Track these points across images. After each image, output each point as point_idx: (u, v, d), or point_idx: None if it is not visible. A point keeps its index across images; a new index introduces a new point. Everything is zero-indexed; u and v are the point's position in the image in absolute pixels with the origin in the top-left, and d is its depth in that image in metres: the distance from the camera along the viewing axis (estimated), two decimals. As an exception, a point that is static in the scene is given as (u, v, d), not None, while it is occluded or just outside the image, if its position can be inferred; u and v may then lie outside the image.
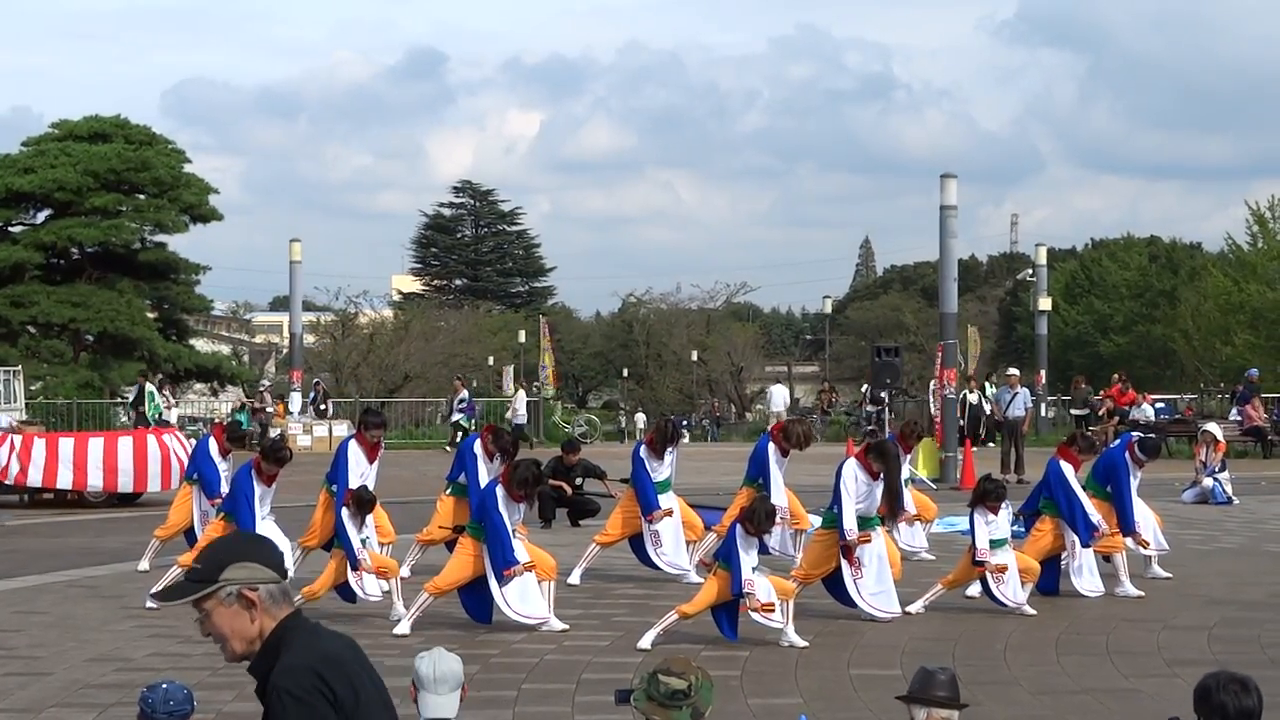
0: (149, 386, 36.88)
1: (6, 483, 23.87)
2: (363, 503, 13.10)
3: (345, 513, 13.02)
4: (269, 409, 41.07)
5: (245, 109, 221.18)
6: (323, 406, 42.64)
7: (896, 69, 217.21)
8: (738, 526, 11.84)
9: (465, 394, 41.13)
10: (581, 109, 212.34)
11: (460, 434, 34.18)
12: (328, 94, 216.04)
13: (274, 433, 38.98)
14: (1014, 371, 32.49)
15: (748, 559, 11.70)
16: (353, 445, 14.74)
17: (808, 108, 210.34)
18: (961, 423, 35.77)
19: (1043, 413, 41.56)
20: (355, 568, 12.85)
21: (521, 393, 44.89)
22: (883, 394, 43.07)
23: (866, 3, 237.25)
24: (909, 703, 6.07)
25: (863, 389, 53.95)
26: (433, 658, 6.14)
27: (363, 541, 13.02)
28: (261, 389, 42.48)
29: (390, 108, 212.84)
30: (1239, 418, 35.27)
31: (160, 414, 35.07)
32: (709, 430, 57.52)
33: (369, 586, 12.95)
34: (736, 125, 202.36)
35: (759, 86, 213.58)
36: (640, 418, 61.25)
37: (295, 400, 42.90)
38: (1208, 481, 23.82)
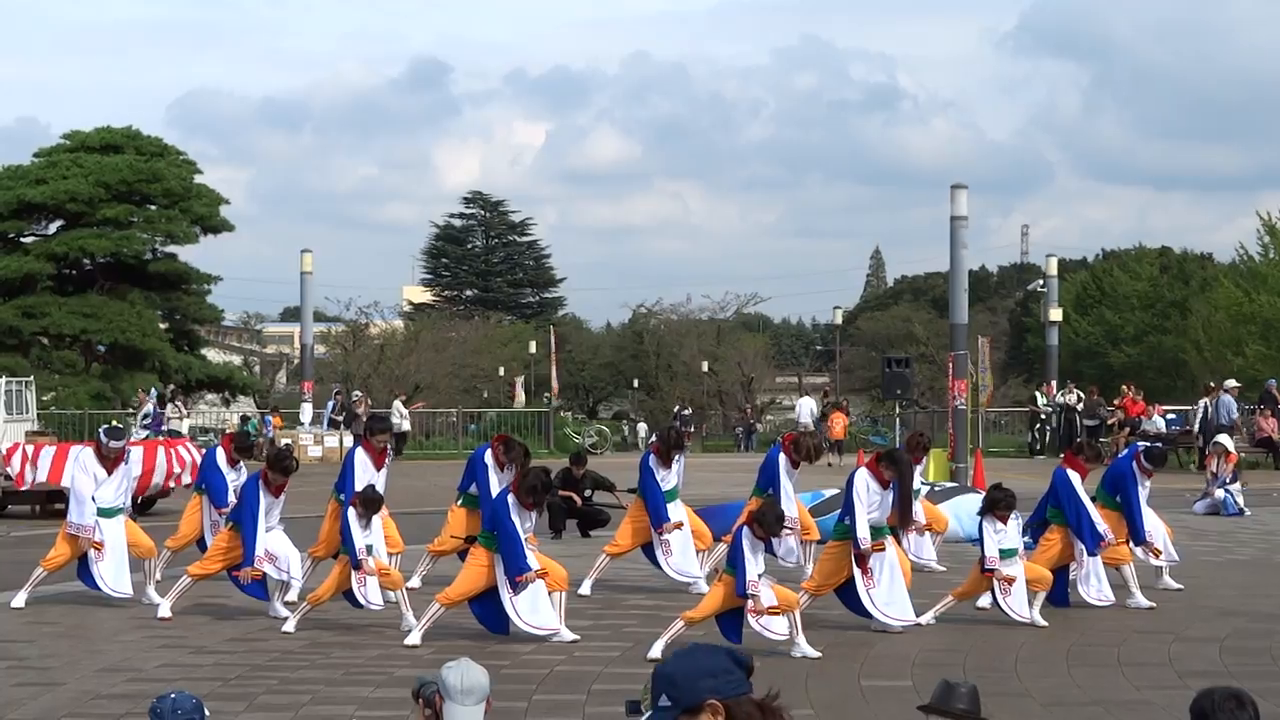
0: None
1: (24, 489, 23.90)
2: (369, 502, 13.09)
3: (352, 513, 13.01)
4: (359, 411, 39.80)
5: (250, 120, 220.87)
6: (338, 417, 42.47)
7: (902, 79, 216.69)
8: (745, 530, 11.83)
9: (149, 408, 39.14)
10: (587, 120, 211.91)
11: None
12: (333, 105, 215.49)
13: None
14: (1232, 382, 32.88)
15: (754, 563, 11.70)
16: (359, 452, 14.78)
17: (813, 118, 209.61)
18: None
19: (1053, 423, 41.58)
20: (357, 568, 12.83)
21: (149, 399, 39.37)
22: (687, 410, 42.93)
23: (868, 14, 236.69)
24: (929, 713, 6.00)
25: (674, 408, 54.31)
26: (461, 668, 6.10)
27: (369, 549, 12.98)
28: (357, 397, 42.03)
29: (395, 119, 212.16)
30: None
31: None
32: (740, 440, 55.31)
33: (372, 594, 12.93)
34: (743, 136, 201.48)
35: (764, 97, 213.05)
36: (642, 428, 60.84)
37: (306, 411, 42.84)
38: (1219, 493, 23.77)
